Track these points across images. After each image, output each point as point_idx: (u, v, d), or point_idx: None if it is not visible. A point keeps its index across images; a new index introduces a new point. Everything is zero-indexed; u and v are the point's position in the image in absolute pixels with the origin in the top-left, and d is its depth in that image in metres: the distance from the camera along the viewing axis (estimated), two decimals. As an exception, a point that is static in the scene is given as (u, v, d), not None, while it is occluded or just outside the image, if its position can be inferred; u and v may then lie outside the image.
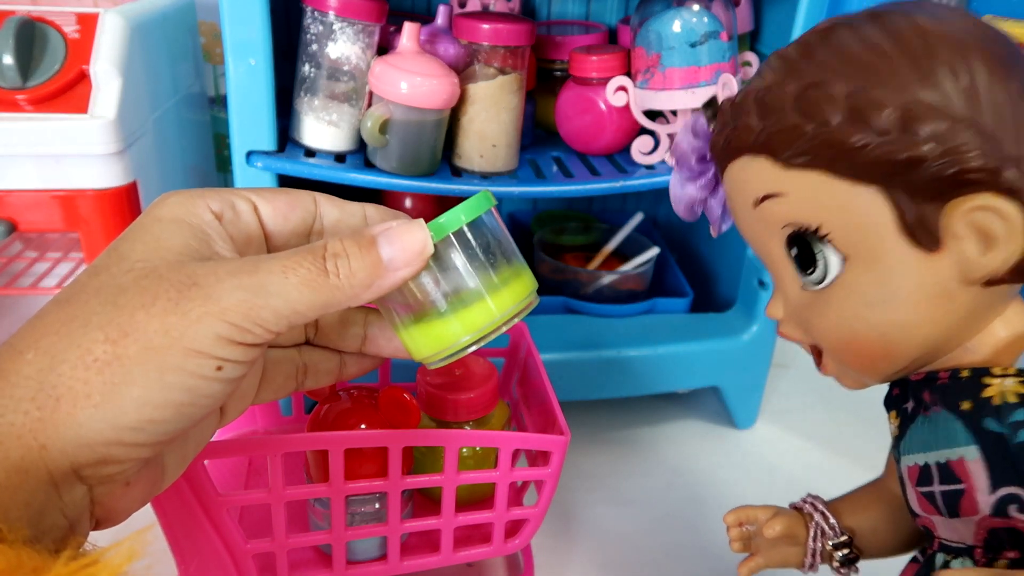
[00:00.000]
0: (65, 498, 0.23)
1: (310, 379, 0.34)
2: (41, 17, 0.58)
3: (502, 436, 0.42)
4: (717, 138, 0.32)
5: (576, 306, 0.69)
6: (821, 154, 0.27)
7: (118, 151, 0.59)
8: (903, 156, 0.25)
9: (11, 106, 0.57)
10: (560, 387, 0.47)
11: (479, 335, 0.29)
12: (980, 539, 0.28)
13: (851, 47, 0.28)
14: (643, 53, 0.58)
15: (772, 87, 0.28)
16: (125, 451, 0.24)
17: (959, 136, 0.25)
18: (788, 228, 0.29)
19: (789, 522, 0.36)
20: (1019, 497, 0.26)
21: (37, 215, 0.60)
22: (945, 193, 0.26)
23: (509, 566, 0.54)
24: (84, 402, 0.23)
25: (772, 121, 0.28)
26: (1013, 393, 0.27)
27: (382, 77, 0.54)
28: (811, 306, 0.30)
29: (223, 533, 0.39)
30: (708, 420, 0.74)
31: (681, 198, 0.36)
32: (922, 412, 0.31)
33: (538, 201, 0.87)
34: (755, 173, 0.30)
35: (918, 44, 0.27)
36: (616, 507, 0.62)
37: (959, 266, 0.27)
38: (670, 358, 0.66)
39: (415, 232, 0.27)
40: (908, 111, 0.25)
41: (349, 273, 0.26)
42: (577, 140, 0.66)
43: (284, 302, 0.25)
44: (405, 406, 0.42)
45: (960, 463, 0.28)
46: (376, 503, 0.43)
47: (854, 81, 0.27)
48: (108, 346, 0.23)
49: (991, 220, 0.26)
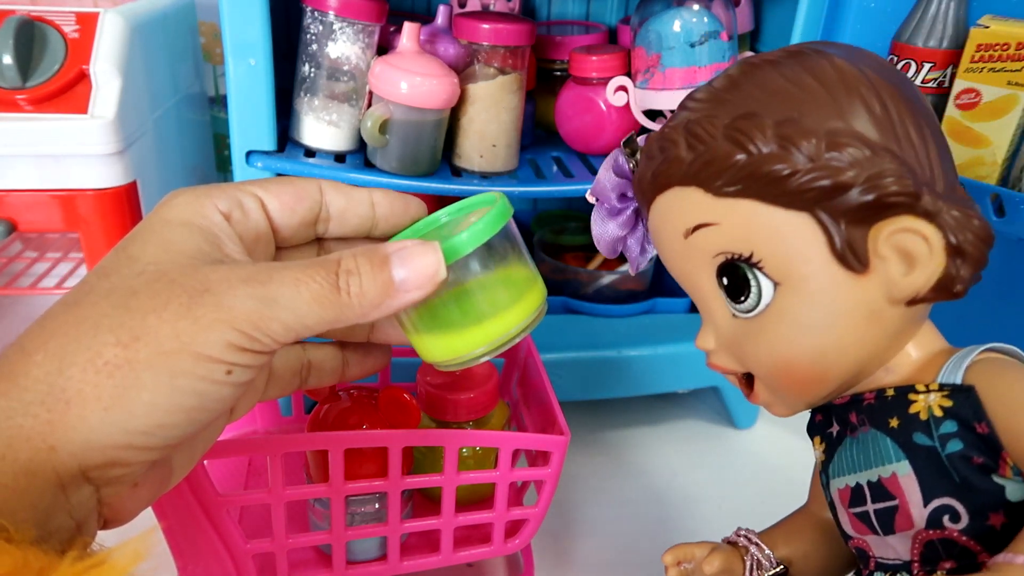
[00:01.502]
0: (72, 500, 0.23)
1: (313, 377, 0.34)
2: (41, 17, 0.58)
3: (502, 436, 0.42)
4: (643, 172, 0.32)
5: (576, 306, 0.69)
6: (752, 182, 0.28)
7: (118, 151, 0.59)
8: (831, 182, 0.27)
9: (11, 106, 0.57)
10: (560, 387, 0.47)
11: (492, 347, 0.29)
12: (917, 554, 0.28)
13: (775, 81, 0.29)
14: (643, 53, 0.58)
15: (700, 119, 0.29)
16: (134, 454, 0.24)
17: (881, 163, 0.27)
18: (720, 257, 0.30)
19: (727, 556, 0.36)
20: (952, 507, 0.27)
21: (37, 215, 0.60)
22: (870, 217, 0.27)
23: (509, 566, 0.54)
24: (94, 405, 0.23)
25: (702, 151, 0.29)
26: (939, 407, 0.28)
27: (382, 77, 0.54)
28: (743, 335, 0.31)
29: (223, 533, 0.39)
30: (708, 420, 0.74)
31: (602, 235, 0.37)
32: (849, 434, 0.31)
33: (538, 201, 0.87)
34: (685, 204, 0.30)
35: (836, 79, 0.28)
36: (616, 507, 0.62)
37: (885, 286, 0.28)
38: (670, 358, 0.66)
39: (428, 256, 0.27)
40: (832, 140, 0.27)
41: (360, 292, 0.26)
42: (577, 140, 0.66)
43: (294, 316, 0.25)
44: (405, 406, 0.42)
45: (893, 479, 0.29)
46: (376, 503, 0.43)
47: (780, 112, 0.28)
48: (119, 349, 0.23)
49: (913, 241, 0.27)
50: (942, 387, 0.28)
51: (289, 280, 0.25)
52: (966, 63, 0.63)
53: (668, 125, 0.31)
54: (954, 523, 0.27)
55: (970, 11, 0.67)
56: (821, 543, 0.37)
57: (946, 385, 0.28)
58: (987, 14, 0.65)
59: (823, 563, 0.37)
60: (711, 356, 0.33)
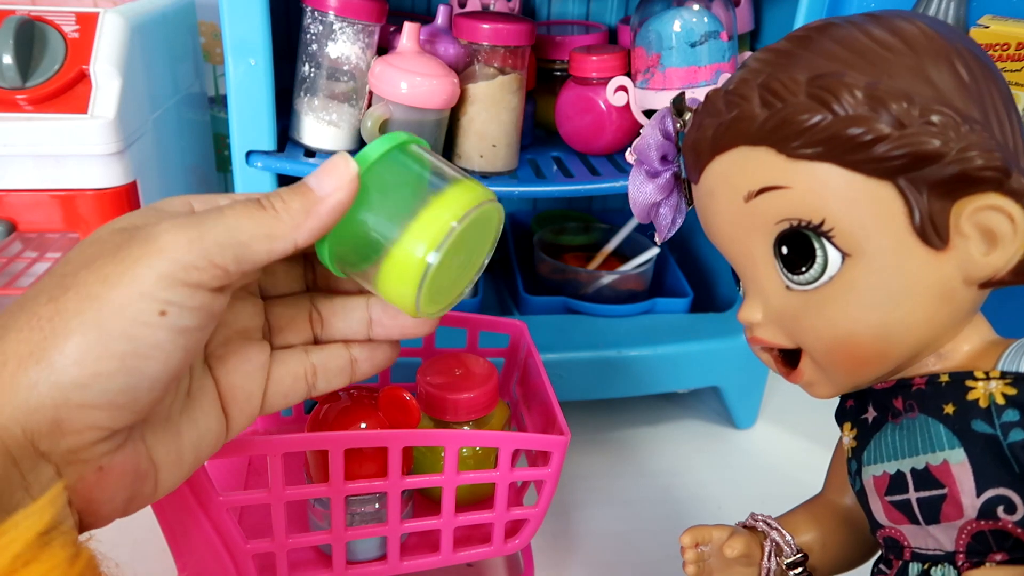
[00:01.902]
0: (29, 477, 0.23)
1: (321, 380, 0.33)
2: (41, 17, 0.58)
3: (502, 436, 0.42)
4: (701, 130, 0.30)
5: (576, 306, 0.69)
6: (833, 145, 0.26)
7: (118, 151, 0.59)
8: (920, 151, 0.25)
9: (11, 106, 0.57)
10: (560, 387, 0.47)
11: (440, 245, 0.28)
12: (963, 544, 0.28)
13: (860, 40, 0.27)
14: (643, 53, 0.58)
15: (777, 74, 0.27)
16: (76, 414, 0.23)
17: (972, 135, 0.25)
18: (783, 224, 0.28)
19: (747, 541, 0.35)
20: (1008, 498, 0.26)
21: (37, 215, 0.60)
22: (956, 191, 0.26)
23: (509, 566, 0.54)
24: (27, 361, 0.23)
25: (779, 109, 0.27)
26: (1001, 394, 0.27)
27: (382, 77, 0.54)
28: (799, 308, 0.29)
29: (223, 533, 0.39)
30: (708, 420, 0.74)
31: (638, 197, 0.35)
32: (891, 419, 0.30)
33: (538, 201, 0.87)
34: (753, 165, 0.28)
35: (926, 44, 0.27)
36: (616, 507, 0.62)
37: (963, 265, 0.27)
38: (670, 358, 0.66)
39: (335, 159, 0.28)
40: (925, 106, 0.25)
41: (283, 204, 0.27)
42: (577, 140, 0.66)
43: (222, 231, 0.25)
44: (405, 406, 0.42)
45: (943, 467, 0.27)
46: (376, 503, 0.43)
47: (868, 73, 0.26)
48: (51, 305, 0.24)
49: (998, 220, 0.26)
50: (1004, 375, 0.27)
51: (211, 209, 0.26)
52: (966, 63, 0.62)
53: (734, 81, 0.29)
54: (1009, 514, 0.26)
55: (970, 11, 0.67)
56: (839, 531, 0.36)
57: (1009, 373, 0.27)
58: (987, 14, 0.65)
59: (841, 551, 0.36)
60: (755, 329, 0.31)
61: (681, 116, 0.33)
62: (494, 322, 0.52)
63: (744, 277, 0.31)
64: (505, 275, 0.77)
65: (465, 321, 0.51)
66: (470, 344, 0.52)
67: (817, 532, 0.36)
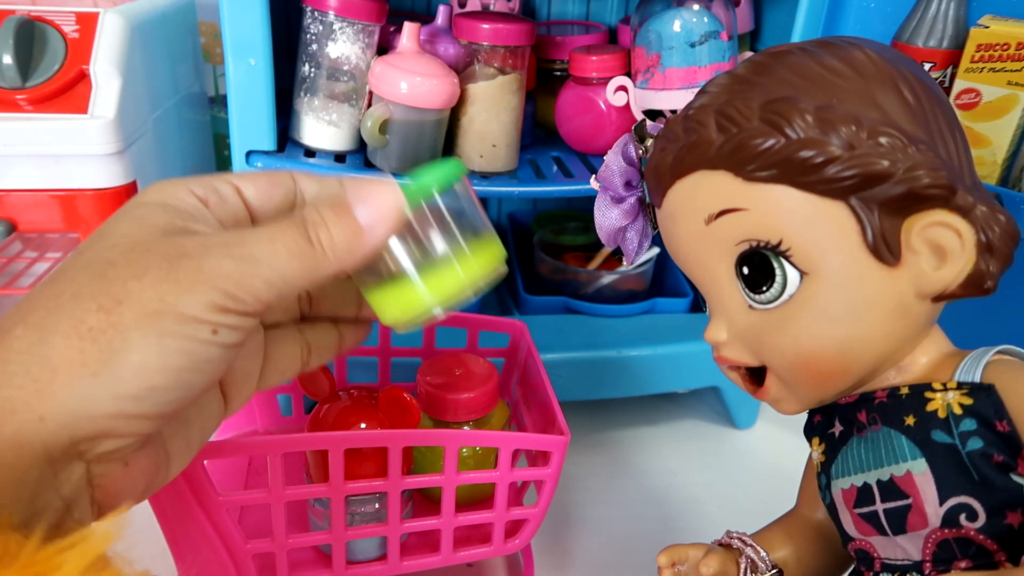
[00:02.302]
0: (61, 476, 0.23)
1: (314, 357, 0.34)
2: (41, 17, 0.58)
3: (502, 436, 0.42)
4: (661, 156, 0.31)
5: (576, 306, 0.69)
6: (787, 168, 0.27)
7: (118, 151, 0.59)
8: (869, 171, 0.26)
9: (11, 106, 0.57)
10: (560, 387, 0.47)
11: (447, 302, 0.29)
12: (929, 553, 0.28)
13: (810, 67, 0.28)
14: (643, 53, 0.58)
15: (732, 100, 0.28)
16: (127, 423, 0.24)
17: (918, 155, 0.26)
18: (743, 245, 0.29)
19: (722, 558, 0.36)
20: (969, 506, 0.27)
21: (37, 215, 0.60)
22: (905, 209, 0.27)
23: (509, 566, 0.54)
24: (81, 371, 0.23)
25: (735, 133, 0.28)
26: (958, 404, 0.27)
27: (382, 77, 0.54)
28: (762, 326, 0.30)
29: (223, 533, 0.39)
30: (708, 420, 0.74)
31: (604, 222, 0.36)
32: (856, 433, 0.31)
33: (538, 201, 0.87)
34: (711, 188, 0.29)
35: (873, 70, 0.28)
36: (616, 507, 0.62)
37: (916, 280, 0.28)
38: (670, 358, 0.66)
39: (388, 192, 0.27)
40: (873, 128, 0.26)
41: (331, 241, 0.26)
42: (577, 140, 0.66)
43: (272, 270, 0.25)
44: (405, 406, 0.42)
45: (907, 477, 0.28)
46: (376, 503, 0.43)
47: (818, 98, 0.27)
48: (102, 315, 0.23)
49: (946, 236, 0.27)
50: (960, 385, 0.28)
51: (264, 239, 0.26)
52: (966, 63, 0.63)
53: (692, 107, 0.30)
54: (971, 522, 0.27)
55: (970, 11, 0.67)
56: (813, 546, 0.37)
57: (965, 383, 0.28)
58: (987, 14, 0.65)
59: (815, 566, 0.37)
60: (721, 348, 0.32)
61: (643, 142, 0.34)
62: (494, 322, 0.52)
63: (709, 298, 0.32)
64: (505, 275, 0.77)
65: (465, 321, 0.51)
66: (470, 344, 0.52)
67: (791, 548, 0.37)
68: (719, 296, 0.31)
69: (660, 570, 0.37)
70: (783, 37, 0.61)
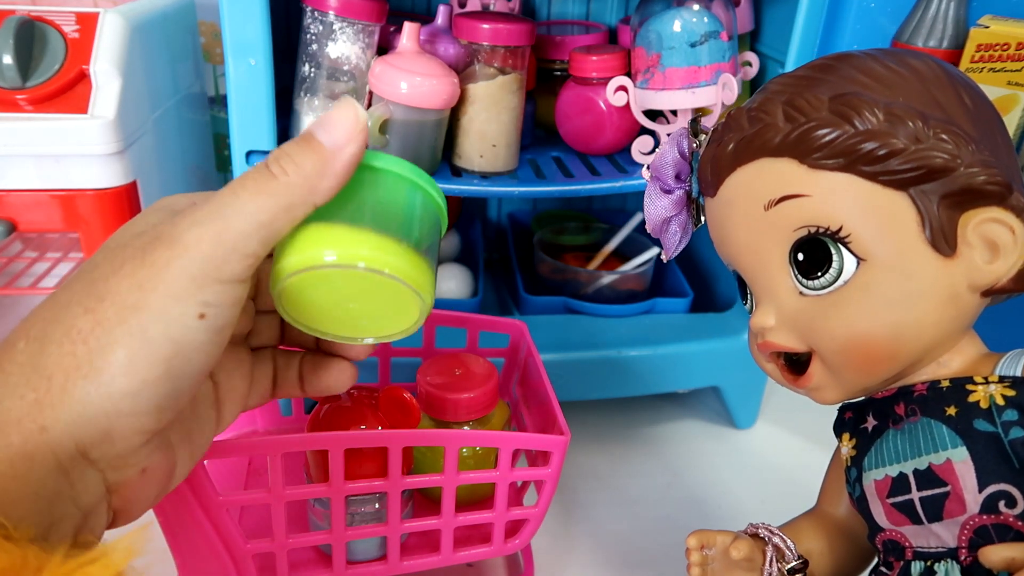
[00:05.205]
0: (77, 486, 0.23)
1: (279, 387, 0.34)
2: (41, 17, 0.58)
3: (502, 436, 0.42)
4: (720, 147, 0.32)
5: (576, 306, 0.69)
6: (853, 157, 0.28)
7: (118, 151, 0.59)
8: (933, 165, 0.27)
9: (11, 106, 0.57)
10: (560, 387, 0.47)
11: (330, 262, 0.26)
12: (965, 540, 0.29)
13: (875, 68, 0.30)
14: (643, 53, 0.58)
15: (801, 93, 0.30)
16: (127, 422, 0.24)
17: (979, 153, 0.28)
18: (801, 231, 0.30)
19: (751, 545, 0.36)
20: (1008, 493, 0.28)
21: (37, 215, 0.60)
22: (963, 203, 0.28)
23: (509, 566, 0.54)
24: (75, 375, 0.23)
25: (802, 123, 0.29)
26: (1001, 396, 0.29)
27: (382, 77, 0.54)
28: (813, 311, 0.31)
29: (223, 533, 0.39)
30: (708, 420, 0.74)
31: (652, 212, 0.37)
32: (892, 426, 0.32)
33: (538, 201, 0.87)
34: (774, 175, 0.30)
35: (933, 75, 0.30)
36: (616, 507, 0.62)
37: (969, 273, 0.29)
38: (670, 358, 0.66)
39: (347, 111, 0.27)
40: (938, 125, 0.28)
41: (296, 167, 0.26)
42: (577, 140, 0.66)
43: (244, 218, 0.25)
44: (405, 406, 0.42)
45: (946, 465, 0.29)
46: (376, 503, 0.43)
47: (886, 95, 0.29)
48: (89, 316, 0.23)
49: (1000, 232, 0.28)
50: (1002, 379, 0.29)
51: (227, 192, 0.25)
52: (966, 63, 0.63)
53: (756, 101, 0.31)
54: (1010, 508, 0.28)
55: (970, 11, 0.67)
56: (835, 543, 0.37)
57: (1007, 377, 0.29)
58: (987, 14, 0.65)
59: (836, 563, 0.37)
60: (768, 334, 0.32)
61: (697, 137, 0.35)
62: (494, 322, 0.52)
63: (756, 285, 0.33)
64: (505, 275, 0.77)
65: (465, 321, 0.51)
66: (470, 344, 0.52)
67: (818, 540, 0.38)
68: (768, 282, 0.32)
69: (689, 552, 0.37)
70: (783, 37, 0.61)
